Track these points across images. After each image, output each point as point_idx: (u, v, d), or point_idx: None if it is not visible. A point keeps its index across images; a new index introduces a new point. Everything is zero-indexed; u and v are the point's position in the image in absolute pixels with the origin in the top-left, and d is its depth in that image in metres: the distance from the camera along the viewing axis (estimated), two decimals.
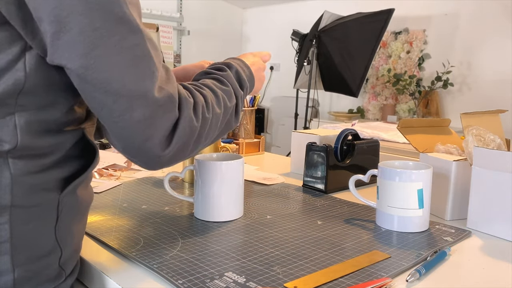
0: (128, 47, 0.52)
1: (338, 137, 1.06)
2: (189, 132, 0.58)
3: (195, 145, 0.61)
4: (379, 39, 3.17)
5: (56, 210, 0.56)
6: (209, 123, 0.62)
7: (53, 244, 0.57)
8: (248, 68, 0.78)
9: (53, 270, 0.57)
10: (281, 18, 4.55)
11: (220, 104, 0.66)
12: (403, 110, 3.57)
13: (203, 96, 0.63)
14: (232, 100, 0.69)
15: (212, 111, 0.63)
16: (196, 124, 0.59)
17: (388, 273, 0.61)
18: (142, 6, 0.58)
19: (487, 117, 0.98)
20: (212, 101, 0.64)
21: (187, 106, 0.58)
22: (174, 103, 0.56)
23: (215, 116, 0.64)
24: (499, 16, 3.09)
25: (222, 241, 0.72)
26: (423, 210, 0.78)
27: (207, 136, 0.64)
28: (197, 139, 0.61)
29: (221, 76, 0.71)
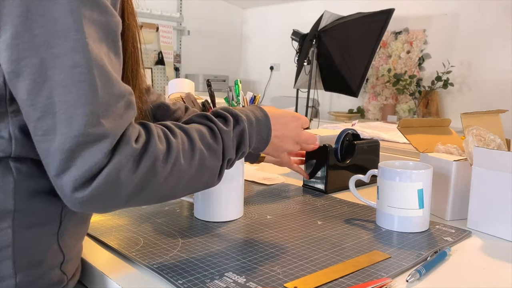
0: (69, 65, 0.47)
1: (338, 137, 1.06)
2: (116, 182, 0.48)
3: (133, 198, 0.52)
4: (379, 39, 3.17)
5: (59, 215, 0.56)
6: (163, 177, 0.53)
7: (55, 249, 0.56)
8: (267, 132, 0.70)
9: (55, 274, 0.57)
10: (281, 18, 4.55)
11: (194, 160, 0.57)
12: (403, 110, 3.57)
13: (167, 145, 0.54)
14: (216, 161, 0.61)
15: (173, 166, 0.54)
16: (132, 176, 0.49)
17: (388, 273, 0.61)
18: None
19: (487, 117, 0.98)
20: (180, 154, 0.55)
21: (124, 153, 0.49)
22: (107, 144, 0.48)
23: (177, 172, 0.55)
24: (499, 16, 3.09)
25: (222, 241, 0.72)
26: (423, 210, 0.78)
27: (158, 192, 0.54)
28: (134, 191, 0.51)
29: (217, 129, 0.62)
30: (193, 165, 0.57)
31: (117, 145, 0.49)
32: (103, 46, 0.50)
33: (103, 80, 0.48)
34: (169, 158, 0.53)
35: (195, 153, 0.57)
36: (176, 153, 0.54)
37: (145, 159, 0.51)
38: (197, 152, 0.58)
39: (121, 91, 0.50)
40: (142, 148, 0.51)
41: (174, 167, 0.54)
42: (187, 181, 0.58)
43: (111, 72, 0.49)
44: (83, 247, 0.65)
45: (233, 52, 5.01)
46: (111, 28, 0.51)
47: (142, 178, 0.51)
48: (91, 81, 0.47)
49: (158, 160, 0.52)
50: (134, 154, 0.50)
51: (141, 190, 0.52)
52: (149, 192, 0.53)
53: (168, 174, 0.53)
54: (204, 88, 3.90)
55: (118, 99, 0.50)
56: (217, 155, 0.61)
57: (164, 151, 0.53)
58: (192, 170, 0.57)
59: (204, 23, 4.69)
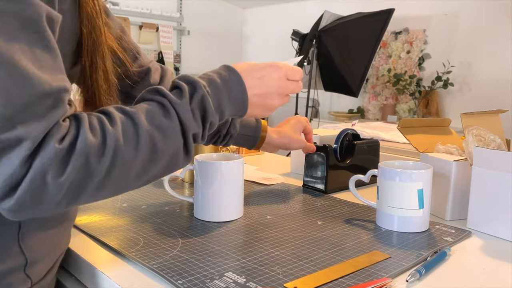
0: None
1: (338, 137, 1.06)
2: (42, 188, 0.45)
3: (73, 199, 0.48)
4: (379, 39, 3.17)
5: None
6: (105, 172, 0.48)
7: (15, 252, 0.54)
8: (240, 91, 0.61)
9: (16, 278, 0.55)
10: (281, 18, 4.55)
11: (140, 145, 0.51)
12: (403, 110, 3.57)
13: (102, 136, 0.48)
14: (173, 139, 0.54)
15: (115, 156, 0.49)
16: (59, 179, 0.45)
17: (388, 273, 0.61)
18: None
19: (487, 117, 0.98)
20: (120, 142, 0.49)
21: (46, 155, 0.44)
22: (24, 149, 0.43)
23: (121, 163, 0.49)
24: (499, 16, 3.09)
25: (222, 241, 0.72)
26: (423, 210, 0.78)
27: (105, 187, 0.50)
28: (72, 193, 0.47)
29: (170, 103, 0.54)
30: (141, 151, 0.51)
31: (38, 148, 0.44)
32: (16, 40, 0.44)
33: (16, 79, 0.43)
34: (105, 150, 0.48)
35: (141, 137, 0.51)
36: (115, 143, 0.49)
37: (73, 159, 0.45)
38: (144, 135, 0.51)
39: (45, 89, 0.45)
40: (69, 147, 0.46)
41: (115, 158, 0.49)
42: (141, 169, 0.52)
43: (27, 69, 0.44)
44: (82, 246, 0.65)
45: (233, 52, 5.01)
46: (28, 18, 0.45)
47: (75, 179, 0.46)
48: None
49: (91, 156, 0.47)
50: (58, 156, 0.45)
51: (80, 190, 0.47)
52: (94, 190, 0.49)
53: (109, 167, 0.48)
54: None
55: (39, 99, 0.44)
56: (174, 133, 0.54)
57: (98, 144, 0.48)
58: (142, 156, 0.51)
59: (204, 23, 4.69)
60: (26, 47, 0.45)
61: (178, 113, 0.55)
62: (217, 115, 0.59)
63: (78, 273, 0.68)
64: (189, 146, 0.56)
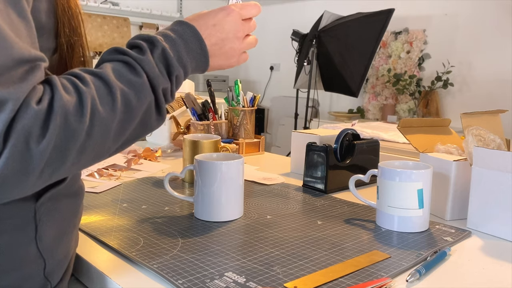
0: None
1: (338, 137, 1.06)
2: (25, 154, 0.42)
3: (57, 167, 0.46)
4: (379, 39, 3.17)
5: (33, 220, 0.53)
6: (85, 132, 0.46)
7: (35, 255, 0.54)
8: (197, 43, 0.60)
9: (37, 281, 0.55)
10: (281, 18, 4.55)
11: (115, 103, 0.49)
12: (403, 110, 3.57)
13: (78, 95, 0.47)
14: (145, 96, 0.53)
15: (92, 116, 0.47)
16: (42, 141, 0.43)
17: (388, 273, 0.61)
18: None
19: (487, 117, 0.98)
20: (96, 101, 0.48)
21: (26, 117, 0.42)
22: (8, 111, 0.41)
23: (99, 122, 0.48)
24: (499, 16, 3.09)
25: (222, 241, 0.72)
26: (423, 210, 0.78)
27: (87, 150, 0.48)
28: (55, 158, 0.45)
29: (134, 60, 0.53)
30: (116, 109, 0.49)
31: (18, 111, 0.42)
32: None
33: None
34: (83, 109, 0.46)
35: (115, 95, 0.49)
36: (91, 101, 0.47)
37: (53, 118, 0.43)
38: (117, 93, 0.49)
39: (24, 55, 0.44)
40: (48, 107, 0.44)
41: (94, 117, 0.47)
42: (119, 128, 0.50)
43: (6, 33, 0.43)
44: (82, 246, 0.65)
45: None
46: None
47: (57, 140, 0.44)
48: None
49: (70, 115, 0.45)
50: (38, 117, 0.43)
51: (63, 155, 0.45)
52: (74, 154, 0.46)
53: (89, 126, 0.46)
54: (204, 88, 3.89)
55: (18, 64, 0.43)
56: (144, 89, 0.52)
57: (75, 102, 0.46)
58: (118, 114, 0.49)
59: None
60: (4, 10, 0.44)
61: (144, 68, 0.53)
62: (181, 69, 0.58)
63: (78, 273, 0.68)
64: (161, 103, 0.55)
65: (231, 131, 1.49)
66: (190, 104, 1.43)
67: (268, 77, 4.72)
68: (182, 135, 1.45)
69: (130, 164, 1.23)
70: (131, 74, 0.52)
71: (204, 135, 1.15)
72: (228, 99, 1.48)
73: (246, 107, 1.45)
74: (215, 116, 1.44)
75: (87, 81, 0.48)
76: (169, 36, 0.58)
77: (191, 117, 1.44)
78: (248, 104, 1.46)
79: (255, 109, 1.49)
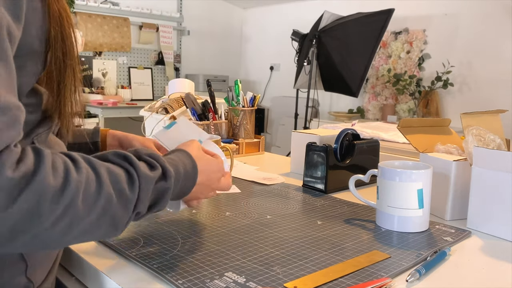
0: None
1: (338, 137, 1.06)
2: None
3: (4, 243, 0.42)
4: (379, 39, 3.17)
5: None
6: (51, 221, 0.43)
7: (16, 257, 0.53)
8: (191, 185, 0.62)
9: (18, 282, 0.54)
10: (281, 18, 4.56)
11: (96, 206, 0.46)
12: (403, 110, 3.57)
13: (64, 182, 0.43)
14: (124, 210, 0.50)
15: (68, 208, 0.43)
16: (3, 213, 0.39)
17: (388, 273, 0.61)
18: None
19: (487, 117, 0.98)
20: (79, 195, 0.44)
21: None
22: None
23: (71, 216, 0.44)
24: (499, 16, 3.09)
25: (222, 241, 0.72)
26: (423, 210, 0.78)
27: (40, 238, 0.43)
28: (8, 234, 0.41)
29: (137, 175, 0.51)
30: (93, 211, 0.46)
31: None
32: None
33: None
34: (61, 198, 0.42)
35: (100, 198, 0.46)
36: (74, 194, 0.43)
37: (25, 194, 0.40)
38: (103, 197, 0.46)
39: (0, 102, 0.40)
40: (22, 179, 0.40)
41: (68, 211, 0.43)
42: (82, 230, 0.46)
43: None
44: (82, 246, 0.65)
45: (233, 52, 5.01)
46: None
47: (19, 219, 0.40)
48: None
49: (45, 199, 0.41)
50: (9, 186, 0.39)
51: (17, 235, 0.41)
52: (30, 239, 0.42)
53: (57, 218, 0.42)
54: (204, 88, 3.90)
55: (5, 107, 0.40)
56: (128, 205, 0.50)
57: (57, 188, 0.42)
58: (91, 216, 0.46)
59: (204, 23, 4.69)
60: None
61: (140, 187, 0.51)
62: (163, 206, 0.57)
63: (78, 273, 0.68)
64: (129, 222, 0.52)
65: (231, 131, 1.49)
66: (190, 104, 1.43)
67: (268, 77, 4.72)
68: None
69: None
70: (127, 185, 0.50)
71: None
72: (228, 99, 1.49)
73: (246, 107, 1.45)
74: (215, 116, 1.44)
75: (81, 170, 0.46)
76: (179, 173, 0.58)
77: (191, 117, 1.45)
78: (248, 104, 1.46)
79: (255, 109, 1.49)
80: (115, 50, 4.01)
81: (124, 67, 4.14)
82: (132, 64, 4.19)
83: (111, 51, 4.01)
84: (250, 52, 5.00)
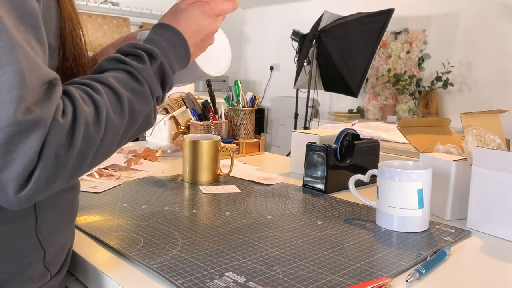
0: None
1: (338, 137, 1.06)
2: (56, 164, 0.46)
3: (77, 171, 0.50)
4: (379, 39, 3.17)
5: (33, 211, 0.55)
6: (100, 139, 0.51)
7: (35, 245, 0.56)
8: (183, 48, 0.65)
9: (37, 270, 0.57)
10: (281, 18, 4.56)
11: (124, 111, 0.54)
12: (403, 110, 3.57)
13: (94, 106, 0.51)
14: (147, 103, 0.58)
15: (106, 124, 0.51)
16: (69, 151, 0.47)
17: (388, 273, 0.61)
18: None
19: (487, 117, 0.98)
20: (110, 111, 0.52)
21: (55, 131, 0.46)
22: (42, 130, 0.44)
23: (112, 129, 0.52)
24: (499, 16, 3.09)
25: (222, 241, 0.72)
26: (423, 210, 0.78)
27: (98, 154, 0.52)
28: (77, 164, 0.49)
29: (136, 70, 0.57)
30: (124, 116, 0.54)
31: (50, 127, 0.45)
32: (20, 29, 0.46)
33: (28, 63, 0.45)
34: (100, 119, 0.50)
35: (123, 103, 0.54)
36: (106, 111, 0.51)
37: (77, 129, 0.48)
38: (125, 101, 0.54)
39: (48, 75, 0.47)
40: (72, 119, 0.48)
41: (108, 126, 0.52)
42: (124, 132, 0.55)
43: (34, 55, 0.46)
44: (82, 246, 0.65)
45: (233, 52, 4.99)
46: (27, 12, 0.47)
47: (80, 148, 0.48)
48: (16, 64, 0.43)
49: (90, 125, 0.49)
50: (65, 129, 0.47)
51: (82, 160, 0.49)
52: (90, 159, 0.51)
53: (103, 134, 0.51)
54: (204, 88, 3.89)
55: (44, 84, 0.46)
56: (146, 97, 0.58)
57: (93, 113, 0.50)
58: (125, 120, 0.55)
59: None
60: (26, 37, 0.46)
61: (145, 78, 0.58)
62: (172, 77, 0.63)
63: (78, 273, 0.68)
64: (155, 108, 0.61)
65: (231, 131, 1.49)
66: (190, 104, 1.43)
67: (268, 77, 4.72)
68: (182, 135, 1.45)
69: (130, 164, 1.23)
70: (134, 83, 0.57)
71: (204, 135, 1.15)
72: (228, 99, 1.49)
73: (246, 107, 1.45)
74: (215, 116, 1.44)
75: (100, 91, 0.52)
76: (163, 48, 0.62)
77: (191, 117, 1.44)
78: (248, 104, 1.46)
79: (255, 109, 1.49)
80: None
81: None
82: None
83: None
84: (250, 52, 5.00)
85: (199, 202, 0.93)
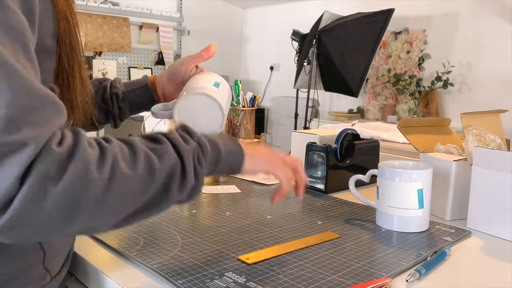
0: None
1: (338, 137, 1.06)
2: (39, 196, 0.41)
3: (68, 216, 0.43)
4: (379, 39, 3.17)
5: None
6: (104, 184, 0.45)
7: (34, 246, 0.56)
8: None
9: (37, 271, 0.56)
10: (281, 18, 4.55)
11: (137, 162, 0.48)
12: (403, 110, 3.57)
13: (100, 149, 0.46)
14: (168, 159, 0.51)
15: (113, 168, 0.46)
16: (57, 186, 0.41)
17: (388, 273, 0.61)
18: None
19: (487, 117, 0.98)
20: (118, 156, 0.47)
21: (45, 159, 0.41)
22: (28, 154, 0.40)
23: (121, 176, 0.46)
24: (499, 16, 3.09)
25: (222, 241, 0.72)
26: (423, 210, 0.78)
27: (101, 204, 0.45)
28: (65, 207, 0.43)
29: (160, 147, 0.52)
30: (138, 167, 0.48)
31: (38, 153, 0.41)
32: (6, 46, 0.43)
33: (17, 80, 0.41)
34: (104, 161, 0.45)
35: (138, 155, 0.49)
36: (113, 156, 0.46)
37: (72, 164, 0.42)
38: (140, 153, 0.49)
39: (46, 94, 0.44)
40: (68, 151, 0.43)
41: (114, 170, 0.45)
42: (139, 188, 0.48)
43: (24, 72, 0.43)
44: (81, 246, 0.65)
45: (233, 52, 5.01)
46: (14, 28, 0.44)
47: (74, 185, 0.42)
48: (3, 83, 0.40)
49: (90, 163, 0.43)
50: (58, 158, 0.42)
51: (78, 203, 0.43)
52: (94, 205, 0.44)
53: (108, 179, 0.45)
54: None
55: (42, 103, 0.43)
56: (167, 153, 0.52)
57: (97, 155, 0.45)
58: (140, 173, 0.48)
59: (204, 23, 4.69)
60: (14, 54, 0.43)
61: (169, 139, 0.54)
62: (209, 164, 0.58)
63: (78, 273, 0.68)
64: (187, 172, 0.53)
65: (231, 131, 1.49)
66: None
67: (268, 77, 4.72)
68: None
69: None
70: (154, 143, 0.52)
71: None
72: None
73: (246, 107, 1.45)
74: None
75: (111, 140, 0.49)
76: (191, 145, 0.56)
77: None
78: (248, 104, 1.46)
79: (255, 109, 1.49)
80: (115, 50, 4.01)
81: (124, 67, 4.14)
82: (132, 64, 4.19)
83: (111, 51, 4.01)
84: (250, 52, 4.99)
85: (199, 202, 0.93)
